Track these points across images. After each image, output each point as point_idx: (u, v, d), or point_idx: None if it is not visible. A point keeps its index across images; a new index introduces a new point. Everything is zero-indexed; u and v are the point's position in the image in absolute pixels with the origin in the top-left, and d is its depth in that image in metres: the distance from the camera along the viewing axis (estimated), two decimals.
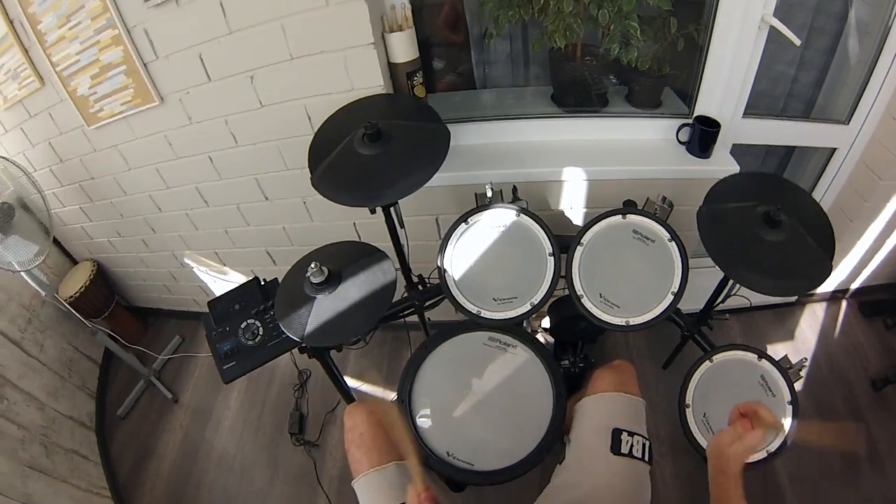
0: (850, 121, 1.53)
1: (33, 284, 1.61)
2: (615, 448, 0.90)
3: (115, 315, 2.07)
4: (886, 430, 1.66)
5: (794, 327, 1.98)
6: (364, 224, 1.46)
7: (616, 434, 0.92)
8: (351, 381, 1.87)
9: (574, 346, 1.45)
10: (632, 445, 0.91)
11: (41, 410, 1.66)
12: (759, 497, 1.51)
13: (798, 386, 1.73)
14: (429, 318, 1.39)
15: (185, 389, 2.04)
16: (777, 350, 1.90)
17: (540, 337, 1.48)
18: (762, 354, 1.05)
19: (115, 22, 1.18)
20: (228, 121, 1.35)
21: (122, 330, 2.06)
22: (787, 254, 1.03)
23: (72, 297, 1.85)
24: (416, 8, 1.23)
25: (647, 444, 0.94)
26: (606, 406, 0.99)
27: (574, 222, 1.48)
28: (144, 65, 1.26)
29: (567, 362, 1.34)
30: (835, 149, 1.61)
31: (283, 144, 1.35)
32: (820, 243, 1.06)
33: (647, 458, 0.92)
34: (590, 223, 1.06)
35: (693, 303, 1.31)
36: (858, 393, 1.76)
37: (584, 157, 1.34)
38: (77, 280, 1.92)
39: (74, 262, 2.07)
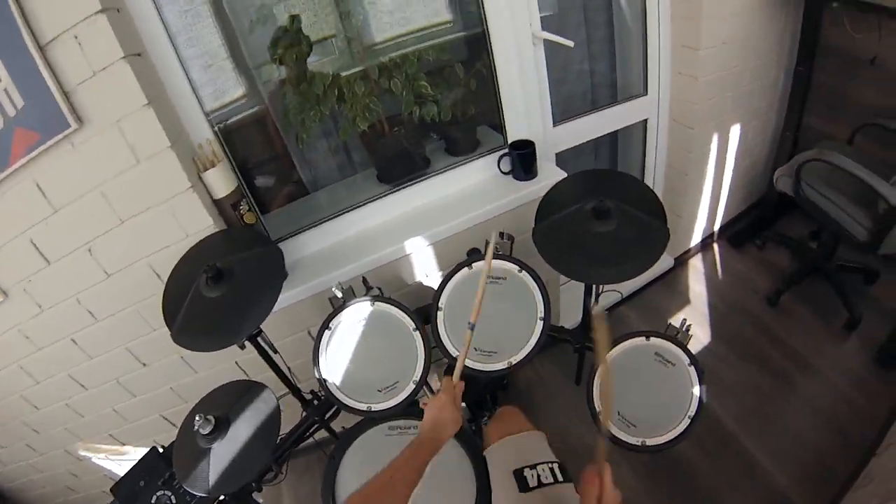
0: (647, 90, 1.74)
1: None
2: (523, 487, 0.93)
3: None
4: (798, 333, 1.82)
5: (682, 287, 2.12)
6: (245, 360, 1.44)
7: (518, 474, 0.94)
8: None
9: (486, 399, 1.49)
10: (538, 476, 0.94)
11: None
12: (715, 449, 1.56)
13: (705, 336, 1.90)
14: (343, 427, 1.40)
15: None
16: (676, 315, 2.01)
17: None
18: (648, 333, 1.08)
19: None
20: (80, 298, 1.30)
21: None
22: (627, 236, 1.08)
23: None
24: (227, 134, 1.27)
25: (555, 465, 0.96)
26: (499, 454, 1.02)
27: (433, 288, 1.50)
28: None
29: (486, 418, 1.38)
30: (646, 119, 1.81)
31: (142, 307, 1.33)
32: (651, 213, 1.13)
33: (560, 479, 0.95)
34: (441, 285, 1.11)
35: (578, 316, 1.39)
36: (760, 314, 1.92)
37: (420, 223, 1.39)
38: None
39: None
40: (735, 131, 1.91)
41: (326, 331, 1.09)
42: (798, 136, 1.99)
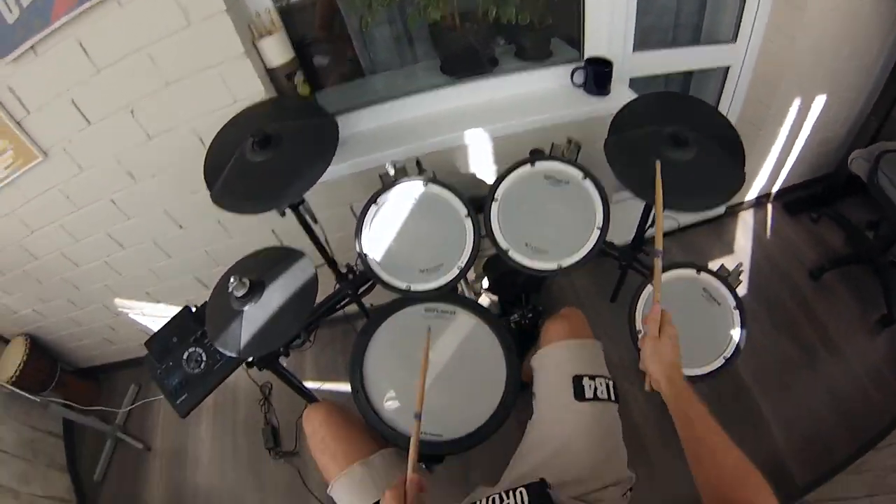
0: (736, 38, 1.59)
1: None
2: (579, 395, 0.91)
3: (64, 383, 1.97)
4: (833, 314, 1.78)
5: (729, 237, 2.07)
6: (282, 229, 1.43)
7: (577, 381, 0.92)
8: (312, 384, 1.85)
9: (520, 299, 1.46)
10: (595, 388, 0.91)
11: (17, 499, 1.59)
12: (728, 397, 1.59)
13: (743, 290, 1.85)
14: (371, 305, 1.38)
15: (155, 435, 1.98)
16: (718, 262, 1.97)
17: (484, 298, 1.49)
18: (700, 268, 1.06)
19: None
20: (120, 160, 1.30)
21: (75, 395, 1.96)
22: (701, 169, 1.04)
23: (12, 377, 1.74)
24: (283, 10, 1.21)
25: (610, 383, 0.94)
26: (562, 355, 0.99)
27: (488, 182, 1.48)
28: (17, 122, 1.19)
29: (516, 316, 1.36)
30: (728, 67, 1.68)
31: (183, 170, 1.31)
32: (730, 152, 1.08)
33: (612, 398, 0.93)
34: (500, 177, 1.07)
35: (627, 235, 1.35)
36: (801, 285, 1.87)
37: (482, 117, 1.34)
38: (13, 359, 1.81)
39: (6, 340, 1.95)
40: (819, 101, 1.76)
41: (373, 205, 1.06)
42: (884, 125, 1.83)
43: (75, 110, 1.18)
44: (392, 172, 1.06)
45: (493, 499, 0.75)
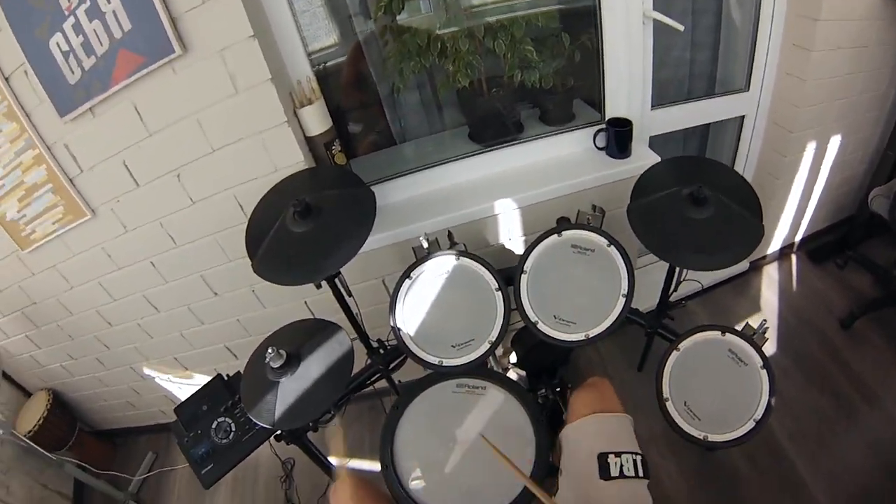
0: (749, 87, 1.64)
1: None
2: (604, 473, 0.88)
3: (81, 442, 1.95)
4: (868, 362, 1.71)
5: (754, 293, 2.04)
6: (315, 301, 1.43)
7: (602, 459, 0.89)
8: (337, 461, 1.82)
9: (548, 372, 1.45)
10: (621, 466, 0.88)
11: None
12: (764, 462, 1.52)
13: (772, 346, 1.81)
14: (399, 381, 1.38)
15: None
16: (745, 320, 1.92)
17: (512, 373, 1.48)
18: (725, 329, 1.06)
19: (35, 142, 1.18)
20: (163, 223, 1.34)
21: (90, 457, 1.93)
22: (720, 226, 1.05)
23: (30, 431, 1.74)
24: (322, 78, 1.27)
25: (639, 458, 0.91)
26: (587, 431, 0.97)
27: (516, 252, 1.50)
28: (70, 180, 1.25)
29: (543, 390, 1.34)
30: (743, 116, 1.72)
31: (222, 237, 1.35)
32: (747, 207, 1.10)
33: (641, 474, 0.90)
34: (529, 249, 1.08)
35: (651, 300, 1.34)
36: (831, 335, 1.82)
37: (510, 186, 1.37)
38: (34, 412, 1.81)
39: (28, 393, 1.95)
40: (835, 141, 1.79)
41: (407, 280, 1.08)
42: None
43: (126, 172, 1.23)
44: (425, 246, 1.08)
45: None
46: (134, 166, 1.23)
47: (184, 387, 1.84)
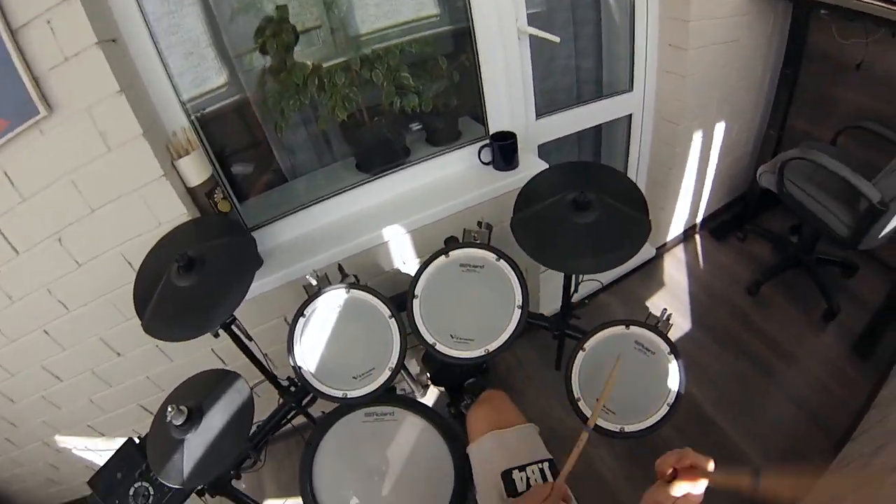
0: (633, 87, 1.75)
1: None
2: (511, 491, 0.89)
3: None
4: (776, 322, 1.84)
5: (663, 277, 2.15)
6: (221, 347, 1.43)
7: (506, 477, 0.90)
8: (276, 502, 1.78)
9: (465, 385, 1.47)
10: (527, 479, 0.90)
11: None
12: (694, 433, 1.59)
13: (686, 324, 1.92)
14: (322, 412, 1.37)
15: None
16: (657, 303, 2.04)
17: (432, 389, 1.50)
18: (628, 322, 1.07)
19: None
20: (51, 289, 1.28)
21: None
22: (606, 228, 1.08)
23: None
24: (203, 126, 1.26)
25: (546, 465, 0.92)
26: (487, 449, 0.97)
27: (411, 275, 1.49)
28: None
29: (468, 401, 1.37)
30: (631, 114, 1.83)
31: (115, 296, 1.30)
32: (631, 204, 1.14)
33: (550, 479, 0.90)
34: (417, 273, 1.11)
35: (558, 303, 1.38)
36: (740, 304, 1.94)
37: (399, 211, 1.38)
38: None
39: None
40: (720, 128, 1.93)
41: (301, 318, 1.08)
42: (782, 135, 2.02)
43: (2, 240, 1.17)
44: (314, 283, 1.09)
45: None
46: (10, 233, 1.17)
47: (104, 453, 1.73)
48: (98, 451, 1.75)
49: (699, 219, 2.24)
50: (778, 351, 1.76)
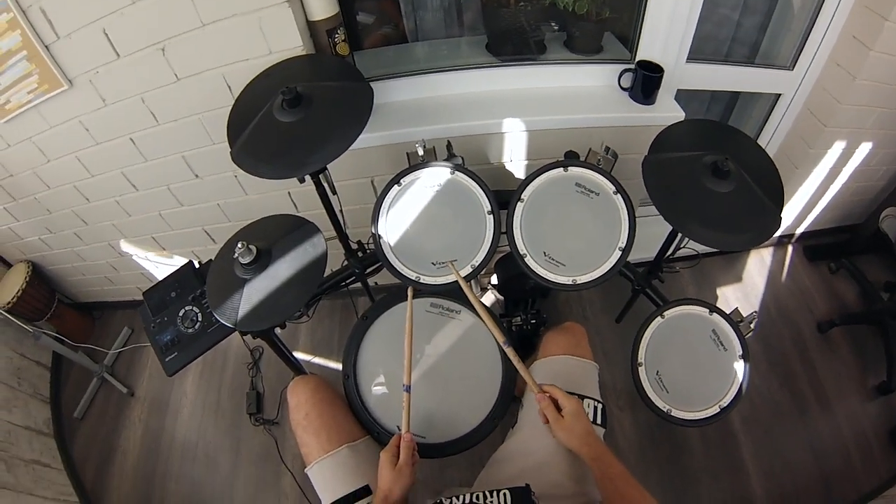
0: (794, 66, 1.52)
1: None
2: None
3: (59, 314, 1.97)
4: (832, 371, 1.74)
5: (742, 273, 2.02)
6: (299, 193, 1.39)
7: None
8: (303, 356, 1.84)
9: (525, 302, 1.43)
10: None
11: None
12: (715, 441, 1.57)
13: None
14: (375, 283, 1.34)
15: (140, 381, 1.98)
16: (727, 296, 1.95)
17: (490, 294, 1.45)
18: (713, 308, 1.03)
19: (8, 4, 1.06)
20: (145, 98, 1.25)
21: (69, 329, 1.97)
22: (736, 206, 0.99)
23: (9, 302, 1.74)
24: None
25: (600, 406, 0.93)
26: (557, 369, 0.97)
27: (516, 175, 1.44)
28: (46, 47, 1.15)
29: (519, 319, 1.32)
30: (780, 95, 1.61)
31: (206, 118, 1.26)
32: (768, 194, 1.03)
33: (600, 421, 0.91)
34: (529, 177, 1.01)
35: (643, 251, 1.28)
36: (805, 335, 1.83)
37: (522, 107, 1.28)
38: (13, 284, 1.80)
39: (8, 265, 1.94)
40: (864, 148, 1.69)
41: (395, 186, 1.01)
42: None
43: (106, 41, 1.13)
44: (421, 153, 1.01)
45: (478, 495, 0.72)
46: (115, 35, 1.13)
47: (161, 266, 1.83)
48: (156, 262, 1.82)
49: (799, 230, 2.05)
50: (821, 398, 1.68)
